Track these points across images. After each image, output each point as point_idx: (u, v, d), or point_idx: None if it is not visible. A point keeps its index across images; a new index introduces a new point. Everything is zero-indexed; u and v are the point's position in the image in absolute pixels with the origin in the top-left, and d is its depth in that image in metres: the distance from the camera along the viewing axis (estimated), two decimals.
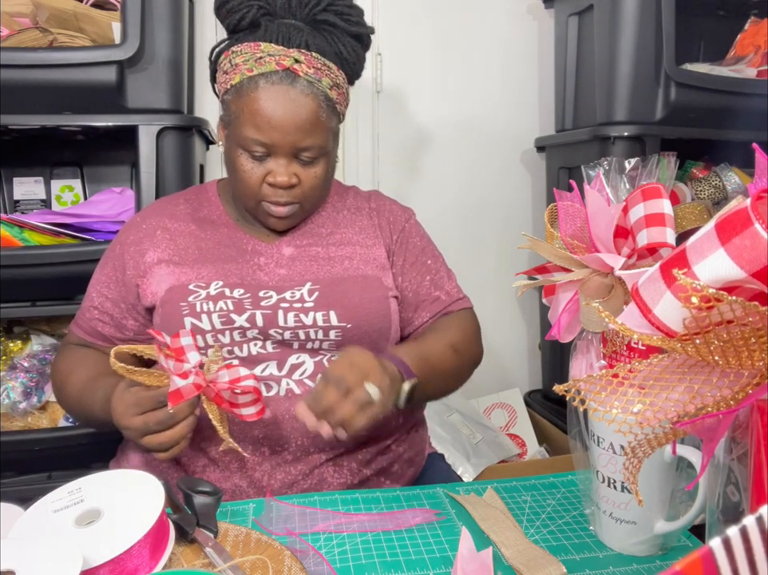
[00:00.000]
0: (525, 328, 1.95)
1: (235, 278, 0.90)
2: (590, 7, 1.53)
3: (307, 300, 0.87)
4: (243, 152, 0.87)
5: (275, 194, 0.88)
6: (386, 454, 0.91)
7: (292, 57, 0.85)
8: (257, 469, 0.85)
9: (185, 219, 0.96)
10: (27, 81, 1.21)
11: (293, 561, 0.61)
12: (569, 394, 0.42)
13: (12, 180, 1.51)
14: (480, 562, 0.59)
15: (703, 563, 0.24)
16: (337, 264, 0.92)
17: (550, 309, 0.74)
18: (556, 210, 0.71)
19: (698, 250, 0.36)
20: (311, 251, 0.94)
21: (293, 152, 0.86)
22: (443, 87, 1.76)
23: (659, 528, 0.64)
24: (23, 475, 1.35)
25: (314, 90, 0.85)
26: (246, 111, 0.85)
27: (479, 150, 1.81)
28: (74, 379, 0.90)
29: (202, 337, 0.85)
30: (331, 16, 0.89)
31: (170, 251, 0.92)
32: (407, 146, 1.78)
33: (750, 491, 0.42)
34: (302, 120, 0.84)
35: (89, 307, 0.95)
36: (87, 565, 0.51)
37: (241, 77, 0.86)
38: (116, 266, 0.94)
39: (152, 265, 0.91)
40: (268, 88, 0.84)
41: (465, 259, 1.73)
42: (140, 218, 0.98)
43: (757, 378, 0.38)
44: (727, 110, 1.47)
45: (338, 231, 0.97)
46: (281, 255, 0.93)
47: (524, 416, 1.75)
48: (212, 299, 0.86)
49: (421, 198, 1.70)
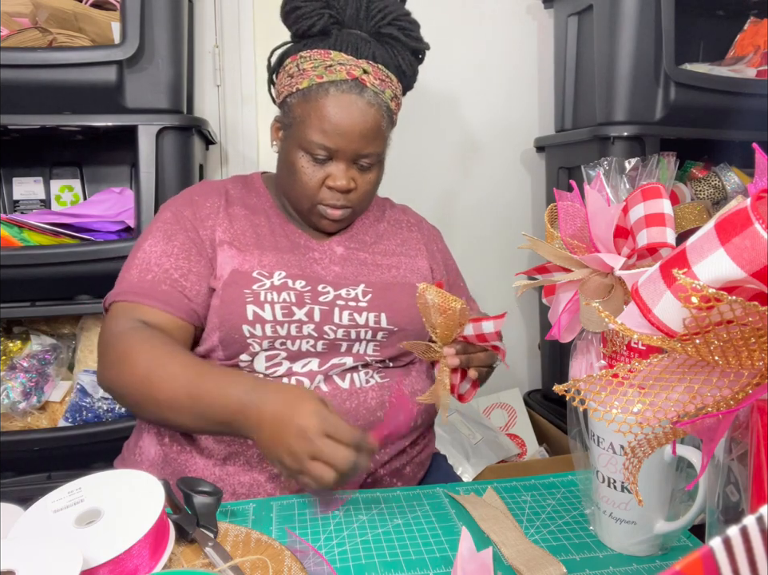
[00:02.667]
0: (525, 328, 1.95)
1: (296, 269, 0.91)
2: (589, 7, 1.53)
3: (361, 300, 0.90)
4: (304, 155, 0.89)
5: (333, 197, 0.91)
6: (401, 456, 0.92)
7: (361, 67, 0.88)
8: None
9: (238, 203, 0.96)
10: (27, 81, 1.22)
11: (293, 561, 0.61)
12: (569, 394, 0.42)
13: (12, 180, 1.51)
14: (480, 562, 0.59)
15: (703, 563, 0.24)
16: (385, 271, 0.96)
17: (550, 309, 0.74)
18: (556, 210, 0.71)
19: (698, 250, 0.36)
20: (360, 256, 0.97)
21: (353, 158, 0.90)
22: (443, 87, 1.76)
23: (659, 528, 0.64)
24: (23, 475, 1.35)
25: (379, 101, 0.89)
26: (314, 116, 0.87)
27: (479, 150, 1.81)
28: (174, 367, 0.77)
29: (261, 326, 0.84)
30: (395, 30, 0.92)
31: (230, 234, 0.91)
32: (407, 146, 1.78)
33: (750, 491, 0.42)
34: (366, 129, 0.88)
35: (163, 278, 0.86)
36: (87, 565, 0.51)
37: (310, 83, 0.88)
38: (191, 238, 0.90)
39: (219, 245, 0.90)
40: (338, 96, 0.87)
41: (465, 259, 1.73)
42: (198, 196, 0.94)
43: (757, 378, 0.38)
44: (727, 110, 1.47)
45: (381, 242, 1.01)
46: (333, 253, 0.96)
47: (524, 416, 1.75)
48: (276, 289, 0.87)
49: (421, 198, 1.70)
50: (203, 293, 0.88)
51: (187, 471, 0.85)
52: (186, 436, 0.87)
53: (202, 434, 0.83)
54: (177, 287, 0.86)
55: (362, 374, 0.90)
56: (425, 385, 0.96)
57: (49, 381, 1.39)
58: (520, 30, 1.79)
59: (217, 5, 1.61)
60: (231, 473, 0.84)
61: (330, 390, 0.87)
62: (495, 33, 1.77)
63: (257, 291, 0.86)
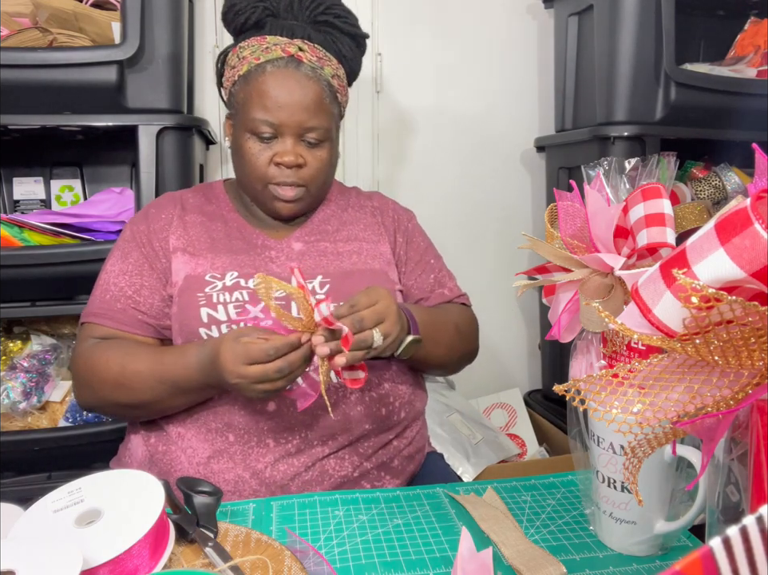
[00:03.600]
0: (525, 328, 1.95)
1: (249, 268, 0.92)
2: (590, 7, 1.53)
3: (319, 292, 0.90)
4: (250, 136, 0.91)
5: (282, 174, 0.91)
6: (387, 449, 0.92)
7: (296, 45, 0.91)
8: (260, 460, 0.85)
9: (195, 210, 0.98)
10: (27, 81, 1.22)
11: (293, 561, 0.61)
12: (569, 394, 0.42)
13: (12, 180, 1.51)
14: (480, 562, 0.59)
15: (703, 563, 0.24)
16: (345, 259, 0.95)
17: (550, 309, 0.74)
18: (556, 210, 0.71)
19: (698, 250, 0.36)
20: (320, 247, 0.97)
21: (299, 133, 0.90)
22: (443, 87, 1.76)
23: (659, 528, 0.64)
24: (23, 475, 1.36)
25: (317, 75, 0.91)
26: (254, 95, 0.90)
27: (479, 150, 1.81)
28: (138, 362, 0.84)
29: (217, 328, 0.86)
30: (330, 17, 0.95)
31: (184, 241, 0.94)
32: (407, 146, 1.78)
33: (750, 491, 0.42)
34: (307, 101, 0.89)
35: (118, 296, 0.91)
36: (87, 565, 0.51)
37: (249, 66, 0.91)
38: (145, 253, 0.93)
39: (172, 253, 0.93)
40: (275, 71, 0.89)
41: (465, 259, 1.74)
42: (154, 209, 0.98)
43: (757, 378, 0.38)
44: (727, 110, 1.47)
45: (344, 228, 1.00)
46: (291, 250, 0.96)
47: (524, 416, 1.75)
48: (228, 289, 0.88)
49: (420, 198, 1.70)
50: (156, 305, 0.92)
51: (172, 470, 0.86)
52: (170, 436, 0.88)
53: (194, 404, 0.86)
54: (131, 304, 0.91)
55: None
56: (407, 379, 0.96)
57: (50, 381, 1.39)
58: (520, 30, 1.79)
59: (217, 5, 1.61)
60: (216, 471, 0.85)
61: (308, 385, 0.85)
62: (495, 33, 1.77)
63: (209, 293, 0.88)
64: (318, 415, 0.87)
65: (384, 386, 0.92)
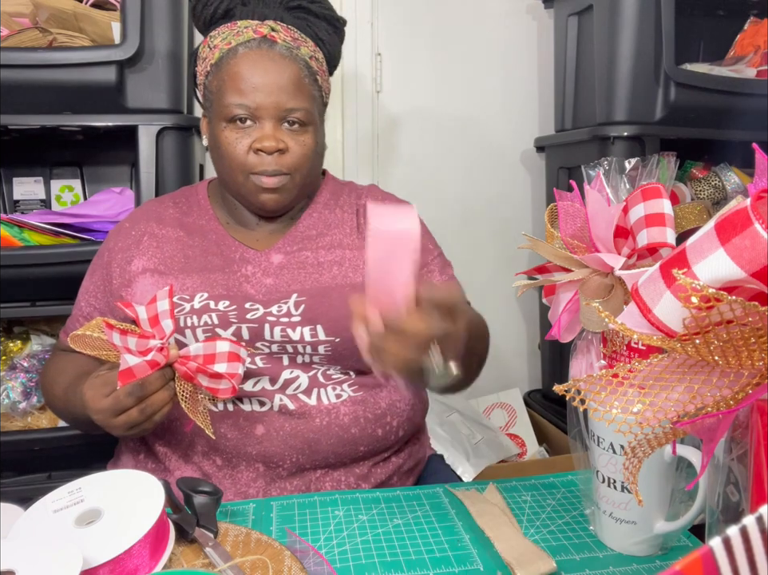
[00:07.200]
0: (525, 328, 1.95)
1: (220, 289, 0.86)
2: (589, 7, 1.53)
3: (294, 314, 0.84)
4: (227, 125, 0.85)
5: (263, 162, 0.84)
6: (384, 467, 0.89)
7: (269, 26, 0.86)
8: (251, 485, 0.83)
9: (173, 224, 0.93)
10: (27, 81, 1.21)
11: (293, 561, 0.61)
12: (569, 394, 0.42)
13: (12, 180, 1.51)
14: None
15: (703, 563, 0.24)
16: (325, 271, 0.88)
17: (550, 309, 0.74)
18: (556, 210, 0.71)
19: (698, 250, 0.36)
20: (301, 257, 0.90)
21: (278, 116, 0.84)
22: (443, 87, 1.76)
23: (659, 528, 0.64)
24: (23, 475, 1.36)
25: (293, 55, 0.86)
26: (227, 79, 0.84)
27: (479, 150, 1.81)
28: (61, 382, 0.87)
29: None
30: (304, 2, 0.90)
31: (155, 260, 0.89)
32: (407, 146, 1.78)
33: (750, 491, 0.42)
34: (284, 80, 0.84)
35: (77, 315, 0.94)
36: (87, 565, 0.51)
37: (220, 53, 0.86)
38: (104, 275, 0.92)
39: (137, 274, 0.88)
40: (247, 53, 0.84)
41: (465, 259, 1.73)
42: (128, 223, 0.95)
43: (757, 378, 0.38)
44: (727, 110, 1.47)
45: (328, 233, 0.93)
46: (269, 263, 0.89)
47: (524, 416, 1.75)
48: (196, 312, 0.83)
49: (420, 198, 1.70)
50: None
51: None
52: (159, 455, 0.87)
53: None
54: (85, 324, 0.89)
55: (329, 389, 0.86)
56: (403, 397, 0.90)
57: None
58: (520, 30, 1.79)
59: None
60: None
61: (296, 407, 0.84)
62: (495, 33, 1.77)
63: (176, 317, 0.81)
64: (310, 439, 0.84)
65: (380, 405, 0.88)
